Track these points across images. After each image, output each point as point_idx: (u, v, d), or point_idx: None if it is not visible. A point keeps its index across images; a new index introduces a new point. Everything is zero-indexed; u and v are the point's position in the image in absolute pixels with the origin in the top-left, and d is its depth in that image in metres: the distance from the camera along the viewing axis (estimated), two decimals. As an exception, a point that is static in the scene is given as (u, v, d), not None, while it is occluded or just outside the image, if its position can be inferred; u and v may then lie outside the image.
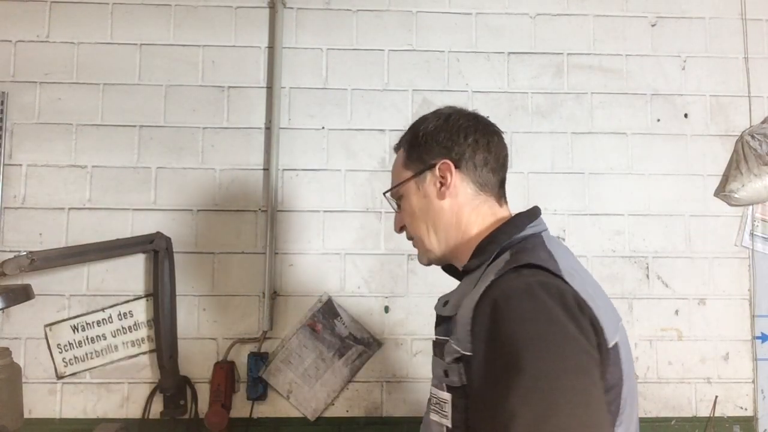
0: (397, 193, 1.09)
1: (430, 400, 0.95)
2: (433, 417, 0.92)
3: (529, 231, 0.98)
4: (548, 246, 0.93)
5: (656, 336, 1.96)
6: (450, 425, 0.87)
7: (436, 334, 0.98)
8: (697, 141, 2.04)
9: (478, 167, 1.03)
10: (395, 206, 1.12)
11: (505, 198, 1.09)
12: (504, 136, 1.12)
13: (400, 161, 1.10)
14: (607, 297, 0.94)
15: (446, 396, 0.89)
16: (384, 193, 1.14)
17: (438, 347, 0.94)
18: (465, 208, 1.03)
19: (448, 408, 0.88)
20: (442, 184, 1.03)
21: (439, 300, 1.01)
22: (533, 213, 1.02)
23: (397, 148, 1.13)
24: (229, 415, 1.82)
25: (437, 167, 1.03)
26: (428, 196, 1.04)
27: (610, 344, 0.82)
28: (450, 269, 1.13)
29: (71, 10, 1.98)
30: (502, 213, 1.06)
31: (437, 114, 1.08)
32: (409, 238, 1.10)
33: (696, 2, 2.09)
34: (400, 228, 1.11)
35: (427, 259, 1.08)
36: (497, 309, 0.81)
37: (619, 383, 0.84)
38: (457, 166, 1.02)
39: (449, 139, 1.03)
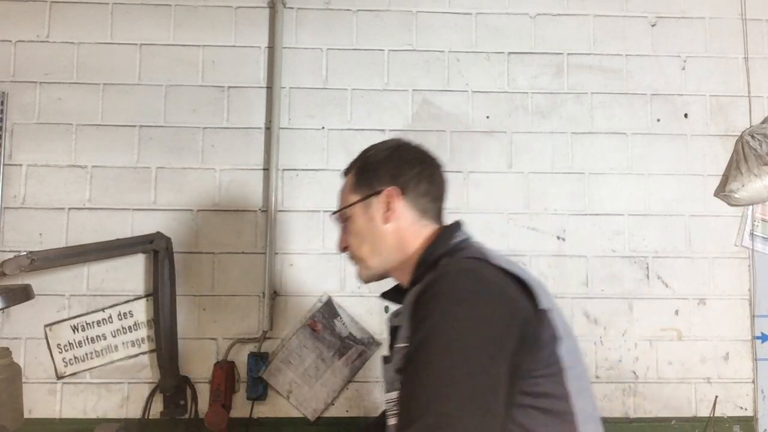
0: (343, 215, 1.16)
1: (384, 412, 1.03)
2: (391, 422, 0.95)
3: (457, 239, 1.08)
4: (474, 245, 1.07)
5: (656, 336, 1.96)
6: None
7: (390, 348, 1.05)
8: (697, 141, 2.04)
9: (421, 196, 1.12)
10: (341, 227, 1.18)
11: (442, 224, 1.18)
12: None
13: (349, 185, 1.17)
14: (540, 282, 1.03)
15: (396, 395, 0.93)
16: (331, 214, 1.21)
17: (386, 360, 1.02)
18: (407, 232, 1.11)
19: None
20: (387, 209, 1.10)
21: (391, 314, 1.09)
22: (457, 225, 1.12)
23: (346, 173, 1.21)
24: (229, 415, 1.82)
25: (384, 193, 1.11)
26: (373, 220, 1.11)
27: (541, 306, 0.92)
28: (390, 294, 1.20)
29: (71, 10, 1.98)
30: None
31: (387, 144, 1.18)
32: (351, 257, 1.16)
33: (696, 2, 2.09)
34: (344, 248, 1.17)
35: (366, 275, 1.15)
36: (421, 295, 0.91)
37: (552, 341, 0.92)
38: (402, 193, 1.11)
39: (397, 168, 1.12)
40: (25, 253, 1.62)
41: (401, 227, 1.10)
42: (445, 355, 0.83)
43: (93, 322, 1.88)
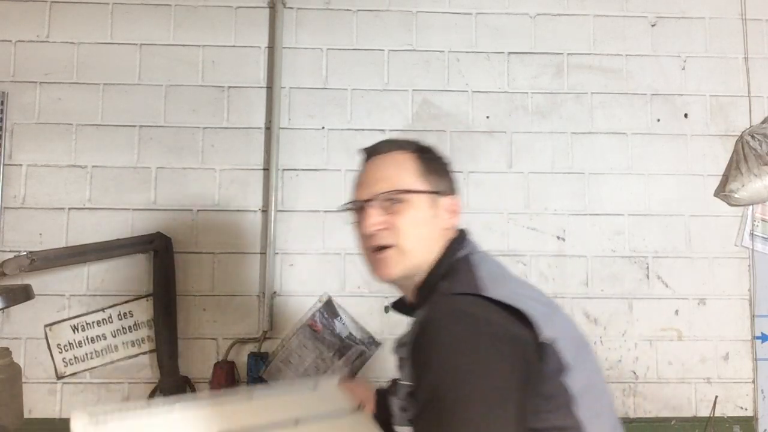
0: (402, 196, 1.03)
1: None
2: None
3: (458, 255, 1.04)
4: (473, 267, 1.00)
5: (656, 336, 1.96)
6: None
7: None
8: (697, 141, 2.04)
9: None
10: (383, 206, 1.04)
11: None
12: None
13: (412, 169, 1.06)
14: (547, 297, 1.01)
15: (406, 431, 0.92)
16: (386, 191, 1.04)
17: (393, 387, 1.02)
18: (444, 241, 1.06)
19: None
20: (452, 216, 1.07)
21: (396, 342, 1.05)
22: (461, 237, 1.08)
23: (396, 149, 1.09)
24: (229, 415, 1.82)
25: (455, 200, 1.09)
26: (438, 217, 1.05)
27: (542, 339, 0.88)
28: (399, 306, 1.17)
29: (71, 10, 1.98)
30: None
31: (436, 149, 1.14)
32: (384, 245, 1.03)
33: (696, 2, 2.09)
34: (381, 229, 1.03)
35: (397, 269, 1.03)
36: (418, 338, 0.89)
37: (557, 372, 0.89)
38: None
39: (454, 179, 1.12)
40: (25, 253, 1.62)
41: (446, 235, 1.06)
42: (453, 414, 0.80)
43: (93, 322, 1.88)
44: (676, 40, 2.08)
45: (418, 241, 1.02)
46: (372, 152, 1.11)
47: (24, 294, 1.64)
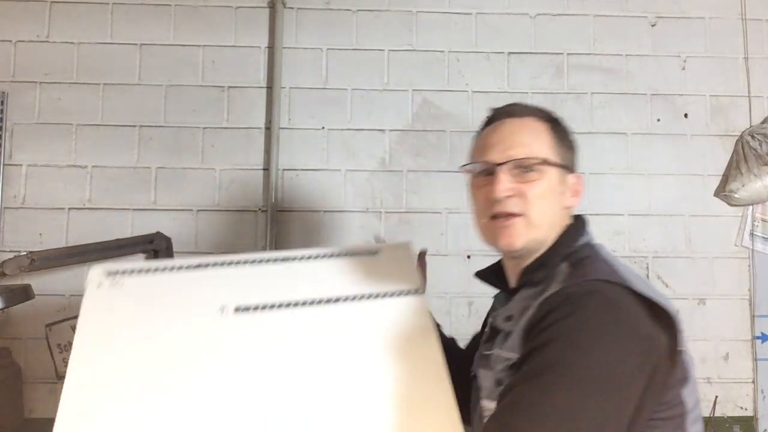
0: (538, 165, 0.97)
1: (479, 414, 0.97)
2: None
3: (581, 241, 1.00)
4: (604, 255, 0.97)
5: (656, 336, 1.96)
6: None
7: (483, 349, 1.00)
8: (697, 141, 2.04)
9: None
10: (513, 173, 0.97)
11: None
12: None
13: (546, 139, 1.00)
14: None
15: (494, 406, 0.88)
16: (529, 158, 0.97)
17: (484, 359, 0.97)
18: (566, 220, 1.03)
19: None
20: (575, 195, 1.03)
21: (497, 315, 1.00)
22: (583, 221, 1.04)
23: (531, 115, 1.03)
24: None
25: (580, 179, 1.04)
26: (564, 194, 1.01)
27: (681, 347, 0.87)
28: (487, 276, 1.11)
29: (71, 10, 1.98)
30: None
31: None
32: (514, 212, 0.96)
33: (696, 2, 2.09)
34: (510, 196, 0.96)
35: (525, 240, 0.97)
36: (553, 312, 0.85)
37: (680, 382, 0.87)
38: None
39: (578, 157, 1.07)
40: (25, 253, 1.62)
41: (568, 214, 1.02)
42: (568, 392, 0.77)
43: (93, 322, 1.88)
44: (676, 40, 2.08)
45: (545, 214, 0.97)
46: (505, 114, 1.04)
47: (24, 294, 1.64)
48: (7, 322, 1.87)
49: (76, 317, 1.92)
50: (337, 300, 1.04)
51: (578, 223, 1.03)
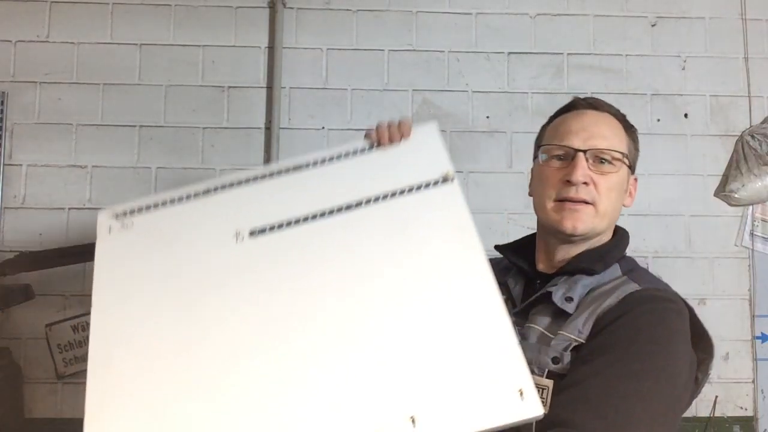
0: (615, 159, 1.03)
1: None
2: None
3: (626, 249, 1.07)
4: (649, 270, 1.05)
5: (656, 336, 1.96)
6: (547, 412, 0.85)
7: (532, 322, 0.98)
8: (697, 141, 2.04)
9: None
10: (591, 161, 1.01)
11: None
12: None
13: (622, 137, 1.07)
14: None
15: (547, 383, 0.89)
16: (611, 150, 1.03)
17: (545, 337, 0.95)
18: (618, 218, 1.07)
19: (546, 394, 0.88)
20: (631, 195, 1.09)
21: (554, 290, 0.98)
22: (627, 233, 1.10)
23: (608, 111, 1.09)
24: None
25: (635, 181, 1.10)
26: (626, 192, 1.07)
27: (712, 361, 0.95)
28: (509, 252, 1.12)
29: (71, 10, 1.98)
30: None
31: None
32: (586, 199, 1.00)
33: (696, 2, 2.09)
34: (586, 183, 1.00)
35: (589, 227, 1.00)
36: (637, 305, 0.89)
37: (693, 396, 0.95)
38: None
39: None
40: (25, 253, 1.62)
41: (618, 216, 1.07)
42: (636, 395, 0.81)
43: (93, 322, 1.88)
44: (676, 40, 2.07)
45: (610, 207, 1.02)
46: (588, 105, 1.08)
47: (24, 294, 1.64)
48: (7, 322, 1.87)
49: (76, 317, 1.93)
50: (357, 205, 0.96)
51: (626, 232, 1.09)
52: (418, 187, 0.99)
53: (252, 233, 0.96)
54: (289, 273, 0.92)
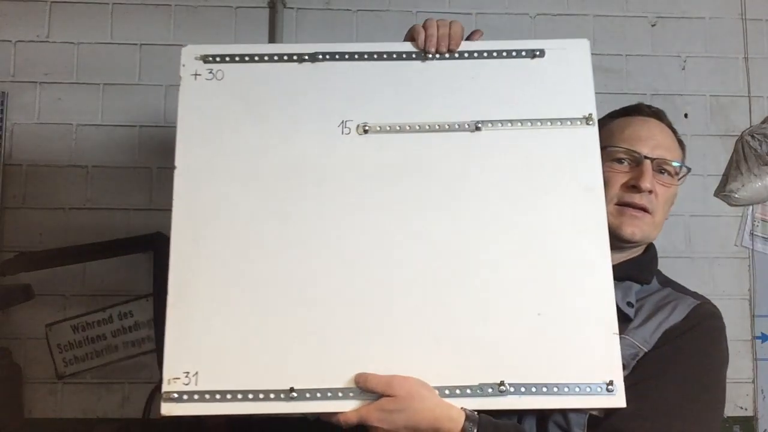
0: (676, 172, 1.08)
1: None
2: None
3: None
4: None
5: (656, 336, 1.96)
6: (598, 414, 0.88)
7: None
8: (697, 141, 2.04)
9: None
10: (655, 170, 1.04)
11: None
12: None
13: (681, 152, 1.12)
14: None
15: None
16: (678, 163, 1.09)
17: None
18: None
19: None
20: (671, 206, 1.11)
21: (627, 300, 1.00)
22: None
23: (669, 125, 1.14)
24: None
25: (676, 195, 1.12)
26: (672, 205, 1.12)
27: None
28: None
29: (71, 10, 1.98)
30: None
31: None
32: (647, 207, 1.02)
33: (696, 2, 2.09)
34: (651, 191, 1.02)
35: (645, 235, 1.04)
36: (702, 322, 0.96)
37: None
38: None
39: None
40: (25, 253, 1.62)
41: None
42: (699, 413, 0.88)
43: (93, 322, 1.88)
44: (676, 40, 2.07)
45: (662, 218, 1.07)
46: (653, 114, 1.13)
47: (24, 294, 1.64)
48: (7, 322, 1.87)
49: (76, 317, 1.93)
50: (486, 124, 0.88)
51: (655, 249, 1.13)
52: (556, 121, 0.92)
53: (364, 129, 0.87)
54: (403, 184, 0.85)
